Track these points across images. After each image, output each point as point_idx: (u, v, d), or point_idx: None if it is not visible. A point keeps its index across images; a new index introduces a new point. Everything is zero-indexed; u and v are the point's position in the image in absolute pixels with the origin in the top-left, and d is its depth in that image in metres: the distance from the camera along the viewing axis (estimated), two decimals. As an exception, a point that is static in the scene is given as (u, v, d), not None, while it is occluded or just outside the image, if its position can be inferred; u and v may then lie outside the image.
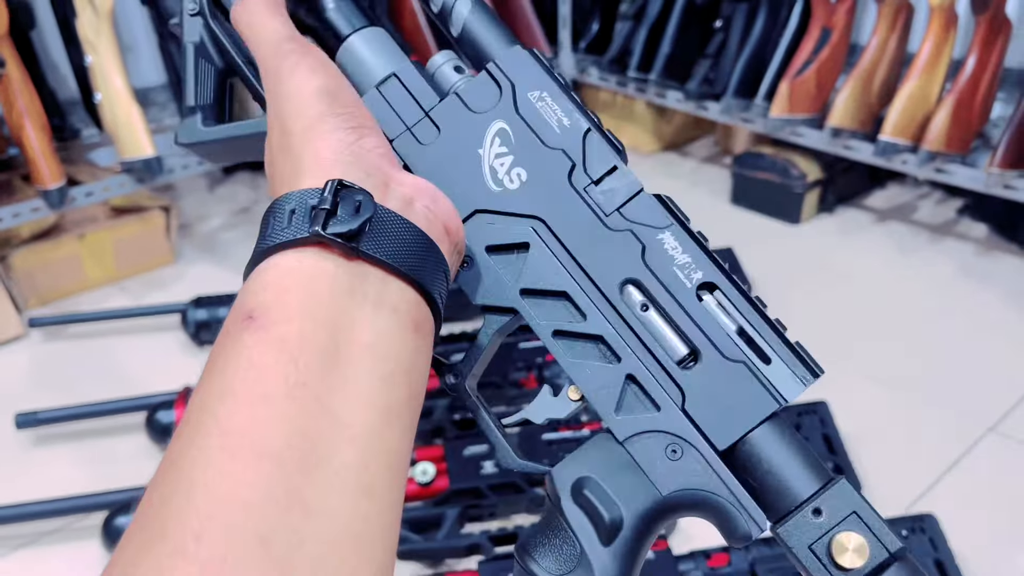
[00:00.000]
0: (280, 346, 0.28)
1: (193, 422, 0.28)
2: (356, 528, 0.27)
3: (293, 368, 0.28)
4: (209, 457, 0.26)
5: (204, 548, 0.24)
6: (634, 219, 0.38)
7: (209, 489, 0.26)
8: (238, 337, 0.29)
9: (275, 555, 0.25)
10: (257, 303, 0.29)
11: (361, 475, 0.28)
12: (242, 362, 0.28)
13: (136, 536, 0.26)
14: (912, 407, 1.19)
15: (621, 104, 2.01)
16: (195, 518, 0.25)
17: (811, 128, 1.58)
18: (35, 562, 1.01)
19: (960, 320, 1.39)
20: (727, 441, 0.35)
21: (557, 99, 0.39)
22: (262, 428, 0.27)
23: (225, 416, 0.27)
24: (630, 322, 0.37)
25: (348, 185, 0.31)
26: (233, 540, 0.25)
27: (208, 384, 0.28)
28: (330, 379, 0.28)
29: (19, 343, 1.41)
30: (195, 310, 1.36)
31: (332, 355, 0.28)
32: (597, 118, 0.40)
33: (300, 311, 0.29)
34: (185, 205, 1.82)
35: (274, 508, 0.26)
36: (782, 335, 0.36)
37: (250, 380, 0.27)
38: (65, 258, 1.51)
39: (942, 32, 1.42)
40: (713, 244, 1.48)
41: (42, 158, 1.35)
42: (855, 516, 0.33)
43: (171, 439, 0.28)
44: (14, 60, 1.32)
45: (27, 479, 1.12)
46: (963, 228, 1.66)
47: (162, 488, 0.27)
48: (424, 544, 0.97)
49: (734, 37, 1.68)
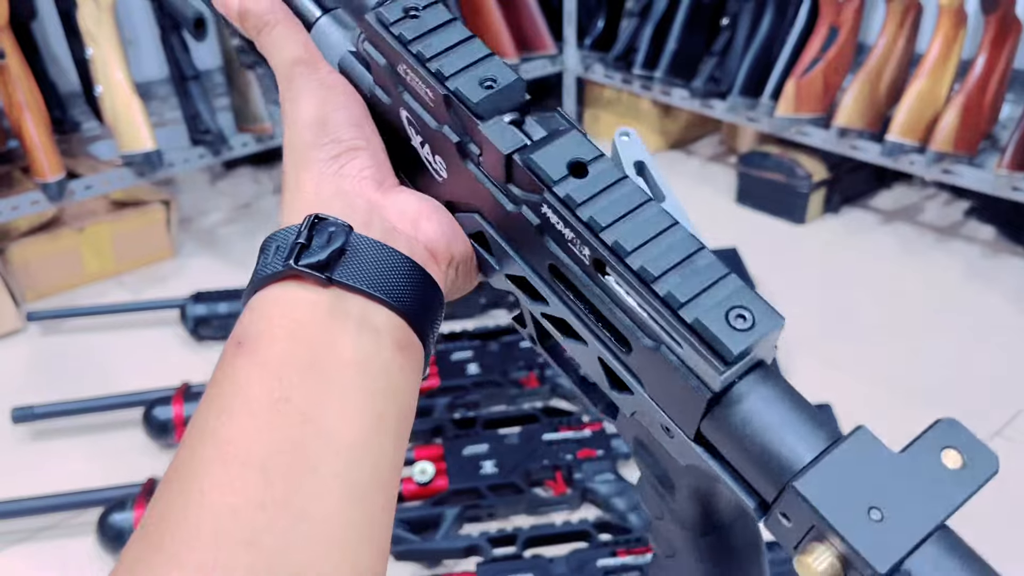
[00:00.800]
0: (264, 366, 0.30)
1: (193, 437, 0.30)
2: (344, 534, 0.28)
3: (277, 384, 0.30)
4: (204, 468, 0.28)
5: (195, 554, 0.26)
6: (521, 189, 0.33)
7: (202, 497, 0.28)
8: (230, 362, 0.31)
9: (262, 558, 0.26)
10: (244, 331, 0.32)
11: (348, 483, 0.29)
12: (232, 382, 0.31)
13: (137, 544, 0.28)
14: (917, 409, 1.18)
15: (626, 102, 2.00)
16: (187, 526, 0.27)
17: (817, 127, 1.56)
18: (30, 558, 1.00)
19: (966, 322, 1.37)
20: (691, 430, 0.31)
21: (415, 70, 0.35)
22: (248, 439, 0.29)
23: (218, 430, 0.29)
24: (572, 306, 0.34)
25: (324, 218, 0.33)
26: (220, 545, 0.26)
27: (206, 404, 0.31)
28: (313, 394, 0.30)
29: (17, 337, 1.40)
30: (194, 305, 1.35)
31: (315, 372, 0.30)
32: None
33: (282, 334, 0.31)
34: (185, 200, 1.81)
35: (260, 514, 0.27)
36: (679, 317, 0.29)
37: (239, 397, 0.30)
38: (64, 251, 1.50)
39: (951, 32, 1.41)
40: (717, 243, 1.47)
41: (41, 150, 1.34)
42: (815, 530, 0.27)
43: (175, 454, 0.31)
44: (14, 51, 1.31)
45: (23, 474, 1.11)
46: (970, 230, 1.64)
47: (165, 497, 0.29)
48: (422, 544, 0.96)
49: (740, 35, 1.67)
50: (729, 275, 0.30)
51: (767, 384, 0.30)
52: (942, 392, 1.21)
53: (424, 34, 0.35)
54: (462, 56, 0.34)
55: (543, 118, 0.35)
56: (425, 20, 0.35)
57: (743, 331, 0.28)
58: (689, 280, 0.29)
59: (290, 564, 0.27)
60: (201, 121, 1.52)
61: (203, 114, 1.52)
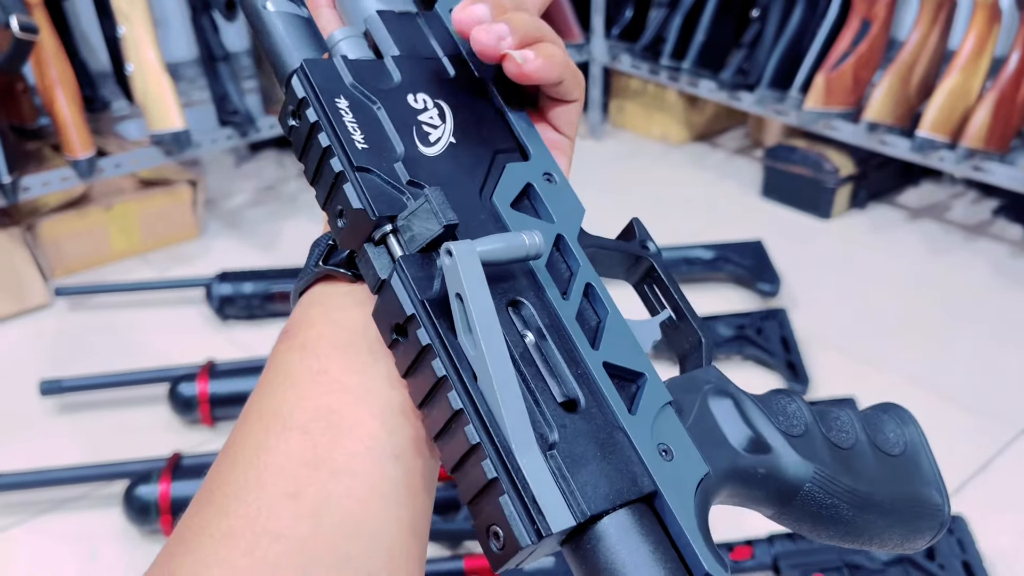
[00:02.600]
0: (303, 347, 0.33)
1: (244, 413, 0.33)
2: (383, 488, 0.30)
3: (315, 360, 0.32)
4: (252, 435, 0.31)
5: (242, 505, 0.29)
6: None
7: (249, 459, 0.30)
8: (277, 349, 0.34)
9: (305, 508, 0.28)
10: (290, 323, 0.35)
11: (386, 443, 0.31)
12: (278, 364, 0.33)
13: (194, 503, 0.31)
14: (942, 408, 1.17)
15: (652, 93, 1.99)
16: (235, 481, 0.30)
17: (846, 122, 1.55)
18: (55, 528, 1.01)
19: (992, 321, 1.36)
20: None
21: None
22: (290, 407, 0.31)
23: (263, 404, 0.32)
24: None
25: None
26: (265, 497, 0.29)
27: (257, 388, 0.34)
28: (350, 365, 0.32)
29: (45, 312, 1.42)
30: (220, 284, 1.36)
31: (350, 348, 0.32)
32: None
33: (319, 320, 0.34)
34: (211, 181, 1.82)
35: (303, 469, 0.29)
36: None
37: (281, 375, 0.33)
38: (92, 228, 1.51)
39: (985, 27, 1.39)
40: (743, 236, 1.46)
41: (73, 127, 1.35)
42: None
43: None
44: (48, 28, 1.32)
45: (50, 445, 1.13)
46: (998, 229, 1.63)
47: (217, 465, 0.31)
48: (443, 525, 0.96)
49: (771, 27, 1.66)
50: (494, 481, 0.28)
51: (628, 526, 0.28)
52: (967, 390, 1.20)
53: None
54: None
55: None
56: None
57: (499, 551, 0.28)
58: (467, 487, 0.28)
59: (332, 513, 0.29)
60: (229, 102, 1.53)
61: (231, 95, 1.53)
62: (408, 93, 0.35)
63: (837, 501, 0.35)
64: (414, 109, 0.35)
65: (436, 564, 0.91)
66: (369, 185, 0.32)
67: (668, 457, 0.30)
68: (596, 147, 2.01)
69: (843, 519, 0.35)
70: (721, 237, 1.48)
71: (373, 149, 0.33)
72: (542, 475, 0.27)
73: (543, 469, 0.27)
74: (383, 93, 0.35)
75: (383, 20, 0.37)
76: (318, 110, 0.33)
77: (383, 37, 0.37)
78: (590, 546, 0.28)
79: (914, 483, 0.38)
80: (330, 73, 0.34)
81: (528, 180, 0.35)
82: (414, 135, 0.34)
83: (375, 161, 0.32)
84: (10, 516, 1.03)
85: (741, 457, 0.32)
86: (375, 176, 0.32)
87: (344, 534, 0.28)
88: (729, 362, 1.26)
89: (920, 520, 0.38)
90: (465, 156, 0.35)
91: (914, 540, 0.38)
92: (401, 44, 0.37)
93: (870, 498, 0.36)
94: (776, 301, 1.39)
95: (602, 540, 0.28)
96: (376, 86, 0.35)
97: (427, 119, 0.35)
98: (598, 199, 1.78)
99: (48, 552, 0.99)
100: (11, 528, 1.01)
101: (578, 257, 0.34)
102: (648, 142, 2.02)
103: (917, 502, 0.38)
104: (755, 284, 1.39)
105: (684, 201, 1.76)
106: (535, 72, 0.34)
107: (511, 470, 0.27)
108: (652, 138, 2.03)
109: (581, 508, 0.27)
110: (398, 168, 0.33)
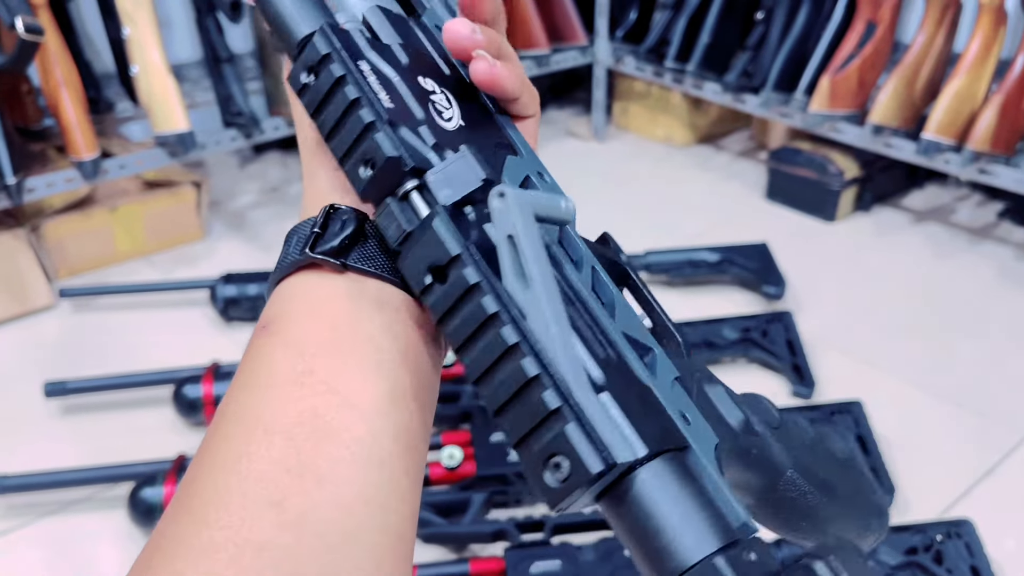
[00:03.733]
0: (287, 343, 0.32)
1: (222, 414, 0.32)
2: (369, 494, 0.29)
3: (300, 359, 0.31)
4: (232, 439, 0.30)
5: (223, 514, 0.28)
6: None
7: (227, 465, 0.29)
8: (256, 344, 0.33)
9: (289, 517, 0.28)
10: (269, 316, 0.34)
11: (371, 448, 0.30)
12: (258, 361, 0.32)
13: (171, 509, 0.30)
14: (948, 411, 1.17)
15: (656, 95, 1.99)
16: (215, 489, 0.29)
17: (851, 124, 1.55)
18: (60, 530, 1.01)
19: (997, 324, 1.36)
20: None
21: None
22: (273, 410, 0.30)
23: (243, 404, 0.31)
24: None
25: (338, 208, 0.34)
26: (248, 506, 0.28)
27: (235, 384, 0.32)
28: (335, 366, 0.31)
29: (49, 313, 1.42)
30: (224, 286, 1.36)
31: (336, 346, 0.31)
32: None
33: (303, 315, 0.33)
34: (215, 182, 1.82)
35: (286, 477, 0.28)
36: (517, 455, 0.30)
37: (264, 374, 0.31)
38: (96, 230, 1.51)
39: (991, 30, 1.39)
40: (747, 239, 1.46)
41: (77, 128, 1.35)
42: None
43: (207, 432, 0.32)
44: (53, 30, 1.32)
45: (54, 448, 1.12)
46: (1003, 232, 1.62)
47: (195, 469, 0.30)
48: (449, 528, 0.96)
49: (775, 29, 1.66)
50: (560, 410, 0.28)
51: (668, 474, 0.28)
52: (973, 393, 1.20)
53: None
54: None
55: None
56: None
57: (560, 482, 0.27)
58: (520, 420, 0.28)
59: (315, 522, 0.28)
60: (234, 103, 1.53)
61: (236, 96, 1.53)
62: (418, 75, 0.36)
63: (812, 488, 0.38)
64: (425, 89, 0.35)
65: (442, 567, 0.90)
66: (402, 136, 0.32)
67: (686, 423, 0.31)
68: (600, 149, 2.01)
69: (813, 508, 0.38)
70: (725, 239, 1.48)
71: (398, 110, 0.33)
72: (600, 411, 0.27)
73: (600, 406, 0.28)
74: (399, 66, 0.35)
75: (384, 14, 0.38)
76: (348, 63, 0.33)
77: (385, 29, 0.37)
78: (635, 491, 0.28)
79: (861, 485, 0.42)
80: (349, 39, 0.34)
81: (527, 173, 0.36)
82: (431, 109, 0.35)
83: (402, 120, 0.33)
84: (15, 519, 1.03)
85: (739, 436, 0.34)
86: (406, 130, 0.33)
87: (330, 544, 0.28)
88: (734, 365, 1.26)
89: (871, 517, 0.41)
90: (476, 139, 0.35)
91: (865, 538, 0.42)
92: (401, 37, 0.38)
93: (835, 490, 0.39)
94: (781, 304, 1.39)
95: (647, 483, 0.28)
96: (390, 60, 0.35)
97: (438, 100, 0.36)
98: (602, 200, 1.79)
99: (53, 555, 0.98)
100: (16, 531, 1.01)
101: (580, 246, 0.35)
102: (652, 144, 2.02)
103: (868, 500, 0.41)
104: (760, 287, 1.39)
105: (688, 203, 1.76)
106: (501, 78, 0.35)
107: (571, 403, 0.27)
108: (656, 140, 2.03)
109: (637, 446, 0.28)
110: (422, 131, 0.33)
